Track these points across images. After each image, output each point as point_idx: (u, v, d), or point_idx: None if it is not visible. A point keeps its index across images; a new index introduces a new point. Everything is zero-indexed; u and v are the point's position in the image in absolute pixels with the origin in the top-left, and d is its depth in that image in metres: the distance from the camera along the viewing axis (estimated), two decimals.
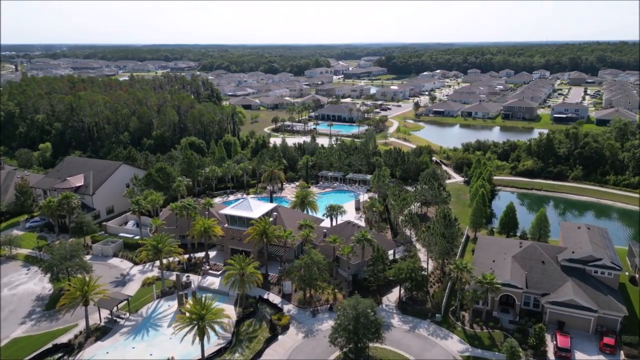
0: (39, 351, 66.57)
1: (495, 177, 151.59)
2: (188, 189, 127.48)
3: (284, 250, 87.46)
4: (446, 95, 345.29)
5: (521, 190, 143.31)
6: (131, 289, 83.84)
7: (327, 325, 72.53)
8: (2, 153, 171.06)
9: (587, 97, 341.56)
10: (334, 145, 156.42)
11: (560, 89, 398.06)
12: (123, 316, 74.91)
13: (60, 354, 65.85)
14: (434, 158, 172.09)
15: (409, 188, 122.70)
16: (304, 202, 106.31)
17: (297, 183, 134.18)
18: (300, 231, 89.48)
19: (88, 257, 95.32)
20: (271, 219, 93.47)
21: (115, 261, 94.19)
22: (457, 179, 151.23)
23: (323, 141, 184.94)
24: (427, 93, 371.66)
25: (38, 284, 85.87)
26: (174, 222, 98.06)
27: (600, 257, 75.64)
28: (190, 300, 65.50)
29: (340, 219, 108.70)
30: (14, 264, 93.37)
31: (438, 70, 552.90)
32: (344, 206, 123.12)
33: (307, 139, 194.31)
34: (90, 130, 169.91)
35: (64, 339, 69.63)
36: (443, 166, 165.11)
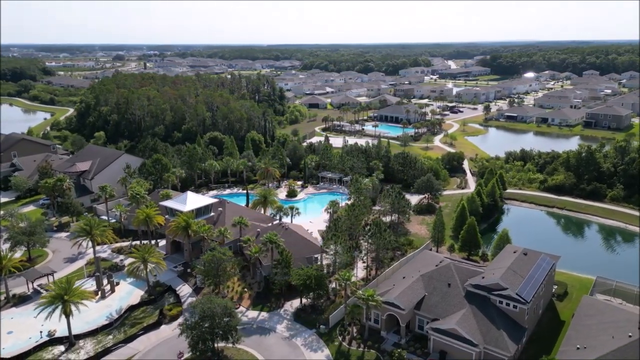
0: None
1: (520, 192, 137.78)
2: (190, 180, 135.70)
3: (206, 244, 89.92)
4: (534, 99, 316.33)
5: (540, 208, 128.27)
6: (75, 266, 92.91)
7: None
8: (71, 140, 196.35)
9: None
10: (346, 147, 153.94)
11: None
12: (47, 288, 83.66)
13: None
14: (464, 165, 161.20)
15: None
16: (266, 200, 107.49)
17: (287, 181, 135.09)
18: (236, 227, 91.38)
19: (66, 234, 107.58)
20: (212, 214, 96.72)
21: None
22: (473, 188, 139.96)
23: (363, 141, 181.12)
24: (517, 95, 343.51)
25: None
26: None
27: (506, 287, 66.28)
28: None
29: (307, 221, 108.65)
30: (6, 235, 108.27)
31: (547, 71, 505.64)
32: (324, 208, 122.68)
33: (351, 139, 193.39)
34: (139, 122, 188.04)
35: None
36: (468, 174, 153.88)
